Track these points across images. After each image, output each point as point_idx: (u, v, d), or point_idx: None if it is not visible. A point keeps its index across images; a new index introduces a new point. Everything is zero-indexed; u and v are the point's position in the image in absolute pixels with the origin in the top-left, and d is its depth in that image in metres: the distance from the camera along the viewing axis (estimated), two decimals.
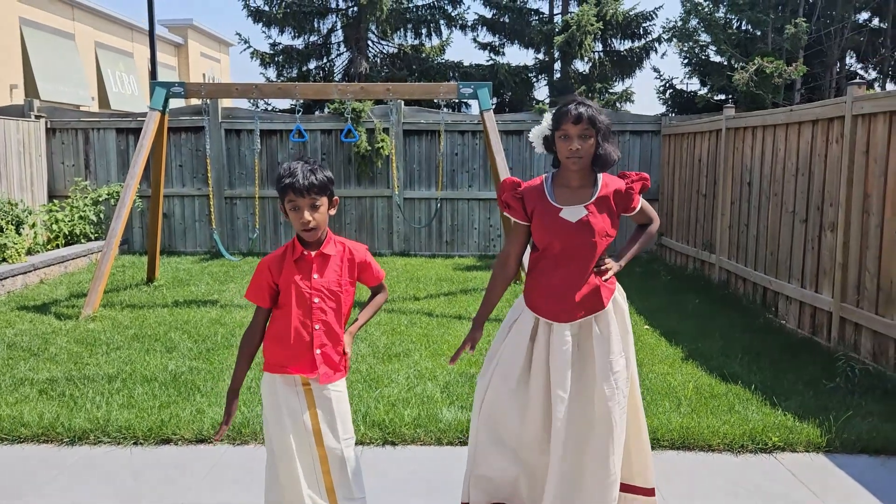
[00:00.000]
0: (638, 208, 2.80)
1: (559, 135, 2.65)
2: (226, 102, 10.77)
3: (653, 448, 3.79)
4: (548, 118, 2.76)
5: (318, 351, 2.49)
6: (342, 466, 2.49)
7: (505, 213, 2.91)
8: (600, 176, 2.74)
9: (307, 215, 2.42)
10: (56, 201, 9.80)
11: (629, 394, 2.77)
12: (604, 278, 2.72)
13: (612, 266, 2.77)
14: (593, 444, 2.68)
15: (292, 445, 2.46)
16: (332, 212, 2.51)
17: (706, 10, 11.09)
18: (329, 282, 2.50)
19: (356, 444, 3.73)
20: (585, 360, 2.71)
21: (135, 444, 3.83)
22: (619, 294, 2.81)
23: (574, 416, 2.69)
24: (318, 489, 2.49)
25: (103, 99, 19.99)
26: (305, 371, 2.48)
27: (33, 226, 8.67)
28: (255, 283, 2.53)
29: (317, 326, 2.49)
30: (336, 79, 14.47)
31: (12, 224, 8.10)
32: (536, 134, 2.81)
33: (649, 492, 2.92)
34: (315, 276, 2.49)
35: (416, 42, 14.75)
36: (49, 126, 10.21)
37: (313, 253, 2.50)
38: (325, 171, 2.47)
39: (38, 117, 10.06)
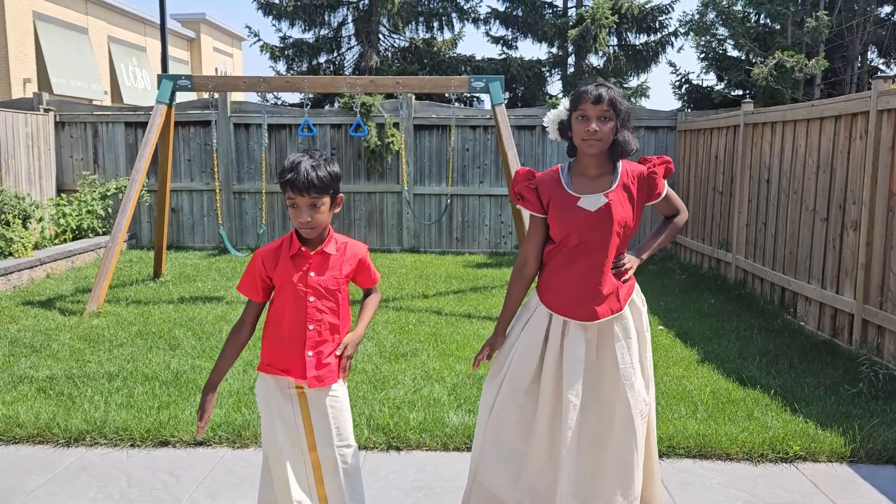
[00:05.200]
0: (663, 194, 2.62)
1: (577, 115, 2.48)
2: (235, 96, 10.69)
3: (668, 456, 3.64)
4: (565, 102, 2.58)
5: (310, 353, 2.35)
6: (336, 475, 2.35)
7: (519, 206, 2.72)
8: (620, 163, 2.57)
9: (305, 215, 2.28)
10: (64, 195, 9.74)
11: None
12: (623, 279, 2.55)
13: (632, 263, 2.59)
14: (614, 457, 2.51)
15: (283, 449, 2.34)
16: (336, 210, 2.38)
17: (724, 2, 10.84)
18: (326, 280, 2.37)
19: (359, 448, 3.63)
20: (603, 366, 2.54)
21: (132, 446, 3.72)
22: (638, 295, 2.65)
23: (590, 429, 2.52)
24: (310, 495, 2.36)
25: (116, 93, 20.00)
26: (295, 374, 2.34)
27: (40, 220, 8.61)
28: (248, 276, 2.40)
29: (311, 327, 2.35)
30: (346, 73, 14.34)
31: (19, 218, 8.03)
32: (552, 118, 2.64)
33: None
34: (312, 273, 2.35)
35: (428, 35, 14.59)
36: (58, 119, 10.14)
37: (312, 251, 2.37)
38: (332, 166, 2.32)
39: (46, 111, 10.00)
